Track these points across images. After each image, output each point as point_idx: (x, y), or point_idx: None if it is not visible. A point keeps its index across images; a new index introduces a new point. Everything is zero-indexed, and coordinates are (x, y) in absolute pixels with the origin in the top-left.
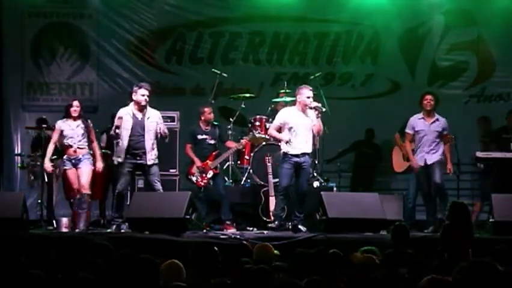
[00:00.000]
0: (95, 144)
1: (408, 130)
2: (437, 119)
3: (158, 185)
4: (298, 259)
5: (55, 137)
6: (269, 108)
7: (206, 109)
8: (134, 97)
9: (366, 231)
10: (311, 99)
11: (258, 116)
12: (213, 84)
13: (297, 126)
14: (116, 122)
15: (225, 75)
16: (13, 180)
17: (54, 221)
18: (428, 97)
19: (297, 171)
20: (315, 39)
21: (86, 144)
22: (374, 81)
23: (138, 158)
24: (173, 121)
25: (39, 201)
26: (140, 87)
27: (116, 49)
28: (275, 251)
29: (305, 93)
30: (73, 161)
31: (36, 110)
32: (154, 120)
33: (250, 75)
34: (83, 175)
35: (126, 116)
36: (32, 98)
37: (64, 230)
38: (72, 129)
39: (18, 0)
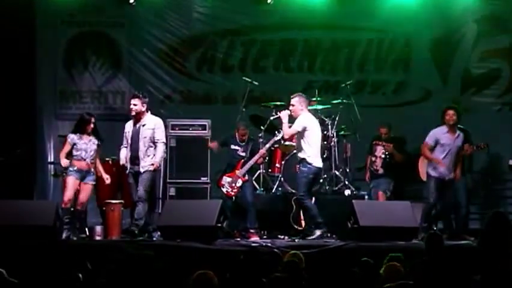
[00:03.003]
0: (98, 161)
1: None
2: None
3: (140, 191)
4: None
5: (67, 148)
6: None
7: (241, 128)
8: None
9: (398, 240)
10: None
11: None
12: (244, 93)
13: None
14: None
15: (256, 83)
16: (46, 188)
17: (86, 229)
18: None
19: None
20: (346, 46)
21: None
22: (405, 89)
23: (136, 167)
24: (205, 129)
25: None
26: (131, 98)
27: (147, 58)
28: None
29: None
30: (84, 173)
31: (69, 118)
32: (150, 128)
33: (281, 83)
34: (86, 192)
35: (128, 127)
36: (65, 107)
37: (97, 238)
38: (85, 143)
39: (52, 9)
